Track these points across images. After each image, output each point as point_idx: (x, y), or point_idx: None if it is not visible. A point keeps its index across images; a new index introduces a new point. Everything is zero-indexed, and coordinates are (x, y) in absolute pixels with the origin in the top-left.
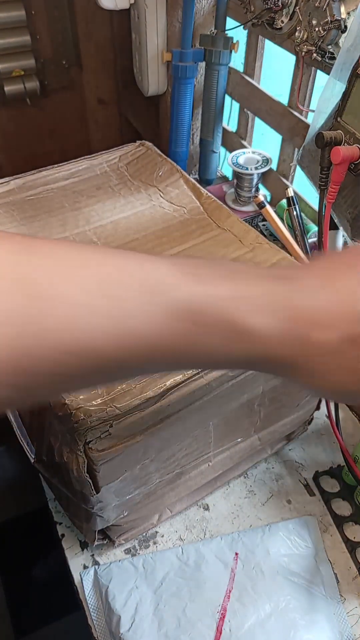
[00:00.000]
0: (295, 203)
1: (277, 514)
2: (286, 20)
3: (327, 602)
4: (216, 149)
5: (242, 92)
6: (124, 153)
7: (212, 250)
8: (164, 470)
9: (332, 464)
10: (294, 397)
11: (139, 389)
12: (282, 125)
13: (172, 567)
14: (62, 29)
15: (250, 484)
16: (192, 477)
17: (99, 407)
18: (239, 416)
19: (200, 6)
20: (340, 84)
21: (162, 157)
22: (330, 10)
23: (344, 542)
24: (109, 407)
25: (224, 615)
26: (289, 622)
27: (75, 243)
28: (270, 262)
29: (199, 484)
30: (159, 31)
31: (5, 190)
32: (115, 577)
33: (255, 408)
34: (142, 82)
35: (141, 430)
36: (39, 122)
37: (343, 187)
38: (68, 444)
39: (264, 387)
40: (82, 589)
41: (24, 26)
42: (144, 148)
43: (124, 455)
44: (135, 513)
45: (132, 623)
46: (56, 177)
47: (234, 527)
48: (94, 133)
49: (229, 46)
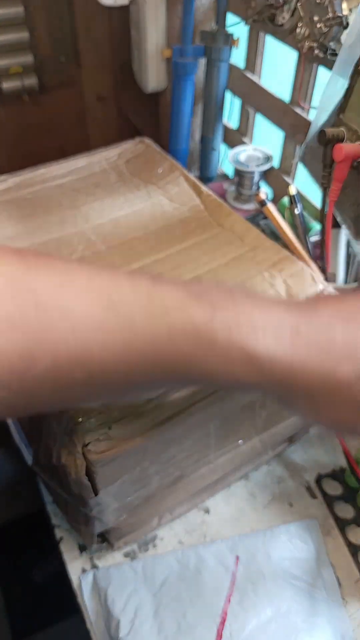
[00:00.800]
0: (298, 201)
1: (278, 517)
2: (288, 17)
3: (329, 605)
4: (217, 146)
5: (243, 88)
6: (123, 150)
7: (212, 248)
8: (163, 473)
9: (335, 466)
10: None
11: None
12: (283, 122)
13: (172, 570)
14: (60, 25)
15: (252, 486)
16: (192, 480)
17: (97, 408)
18: (239, 418)
19: (200, 2)
20: (342, 80)
21: (162, 154)
22: (332, 6)
23: (347, 545)
24: (108, 409)
25: (225, 619)
26: (291, 626)
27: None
28: (272, 261)
29: (199, 486)
30: (159, 27)
31: (3, 189)
32: (114, 581)
33: (257, 410)
34: (141, 79)
35: (140, 432)
36: (37, 119)
37: (346, 184)
38: (66, 446)
39: None
40: (80, 592)
41: (22, 22)
42: (144, 145)
43: (123, 457)
44: (134, 516)
45: (131, 627)
46: (54, 175)
47: (234, 531)
48: (93, 130)
49: (229, 42)
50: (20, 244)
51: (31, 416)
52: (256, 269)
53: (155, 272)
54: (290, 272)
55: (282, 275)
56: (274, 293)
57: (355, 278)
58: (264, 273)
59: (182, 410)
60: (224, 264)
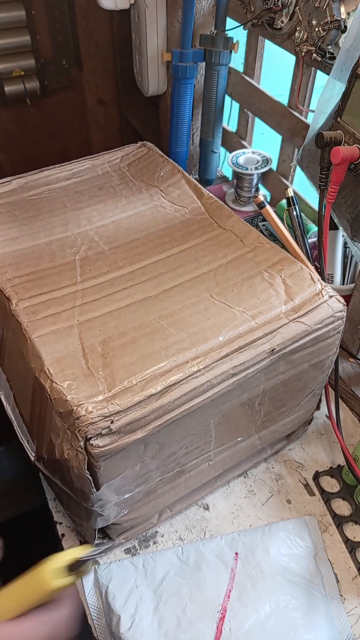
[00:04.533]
0: (295, 203)
1: (277, 514)
2: (286, 21)
3: (327, 601)
4: (216, 149)
5: (242, 92)
6: (125, 154)
7: (213, 249)
8: (164, 468)
9: (332, 463)
10: (294, 397)
11: (140, 385)
12: (282, 125)
13: (172, 566)
14: (62, 29)
15: (250, 483)
16: (193, 476)
17: (100, 403)
18: (239, 415)
19: (200, 6)
20: (340, 84)
21: (164, 157)
22: (330, 10)
23: (344, 542)
24: (110, 404)
25: (224, 615)
26: (289, 622)
27: None
28: (271, 262)
29: (199, 483)
30: (159, 31)
31: (7, 190)
32: (116, 577)
33: (256, 407)
34: (142, 82)
35: (142, 426)
36: (39, 122)
37: (343, 187)
38: (69, 440)
39: (264, 386)
40: (82, 588)
41: (24, 26)
42: (146, 149)
43: (124, 452)
44: (135, 512)
45: (132, 622)
46: (58, 177)
47: (234, 527)
48: (94, 133)
49: (229, 46)
50: (25, 245)
51: (34, 412)
52: (256, 269)
53: (157, 272)
54: (289, 272)
55: (282, 274)
56: (273, 292)
57: (353, 279)
58: (263, 273)
59: (183, 406)
60: (225, 264)
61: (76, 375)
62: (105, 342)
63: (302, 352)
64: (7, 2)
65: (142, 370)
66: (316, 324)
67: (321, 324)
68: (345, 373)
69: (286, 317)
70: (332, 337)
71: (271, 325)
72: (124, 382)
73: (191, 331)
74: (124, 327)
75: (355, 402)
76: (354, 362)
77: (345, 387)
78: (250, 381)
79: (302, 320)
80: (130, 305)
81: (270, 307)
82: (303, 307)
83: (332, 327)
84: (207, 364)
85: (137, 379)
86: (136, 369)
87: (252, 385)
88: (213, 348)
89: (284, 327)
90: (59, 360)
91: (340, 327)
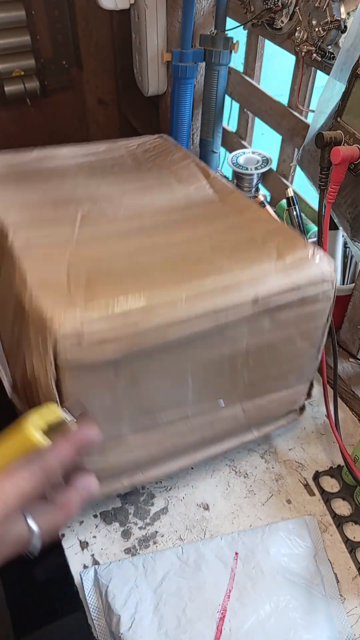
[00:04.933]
0: (295, 203)
1: (277, 514)
2: (286, 21)
3: (327, 601)
4: (216, 149)
5: (242, 92)
6: (142, 142)
7: (212, 218)
8: (136, 410)
9: (332, 463)
10: (280, 368)
11: (117, 305)
12: (282, 125)
13: (172, 566)
14: (62, 29)
15: (250, 483)
16: (168, 434)
17: (73, 317)
18: (220, 372)
19: (200, 6)
20: (340, 84)
21: (178, 146)
22: (330, 10)
23: (344, 542)
24: (83, 318)
25: (224, 615)
26: (289, 622)
27: None
28: (267, 229)
29: (175, 446)
30: (159, 31)
31: (28, 160)
32: (115, 577)
33: (239, 368)
34: (142, 82)
35: (112, 342)
36: (39, 122)
37: (343, 187)
38: (40, 355)
39: (247, 343)
40: (82, 588)
41: (24, 26)
42: (162, 139)
43: (94, 374)
44: (103, 459)
45: (132, 622)
46: (75, 154)
47: (234, 527)
48: (94, 133)
49: (228, 46)
50: (32, 196)
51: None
52: (250, 234)
53: (154, 230)
54: (283, 238)
55: (275, 240)
56: (265, 253)
57: (353, 279)
58: (257, 238)
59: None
60: (221, 231)
61: (57, 294)
62: (91, 274)
63: (288, 311)
64: (7, 2)
65: (122, 294)
66: (304, 282)
67: (309, 282)
68: (345, 373)
69: (275, 270)
70: (321, 302)
71: (258, 273)
72: (100, 300)
73: (178, 272)
74: (112, 267)
75: (355, 402)
76: (354, 362)
77: (345, 387)
78: (233, 331)
79: (290, 273)
80: (122, 252)
81: (260, 262)
82: (293, 265)
83: (321, 289)
84: (189, 296)
85: (115, 301)
86: (116, 293)
87: (234, 335)
88: (197, 286)
89: (270, 277)
90: (43, 282)
91: (330, 293)
